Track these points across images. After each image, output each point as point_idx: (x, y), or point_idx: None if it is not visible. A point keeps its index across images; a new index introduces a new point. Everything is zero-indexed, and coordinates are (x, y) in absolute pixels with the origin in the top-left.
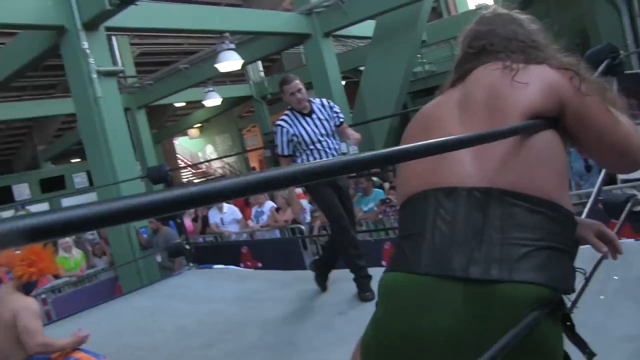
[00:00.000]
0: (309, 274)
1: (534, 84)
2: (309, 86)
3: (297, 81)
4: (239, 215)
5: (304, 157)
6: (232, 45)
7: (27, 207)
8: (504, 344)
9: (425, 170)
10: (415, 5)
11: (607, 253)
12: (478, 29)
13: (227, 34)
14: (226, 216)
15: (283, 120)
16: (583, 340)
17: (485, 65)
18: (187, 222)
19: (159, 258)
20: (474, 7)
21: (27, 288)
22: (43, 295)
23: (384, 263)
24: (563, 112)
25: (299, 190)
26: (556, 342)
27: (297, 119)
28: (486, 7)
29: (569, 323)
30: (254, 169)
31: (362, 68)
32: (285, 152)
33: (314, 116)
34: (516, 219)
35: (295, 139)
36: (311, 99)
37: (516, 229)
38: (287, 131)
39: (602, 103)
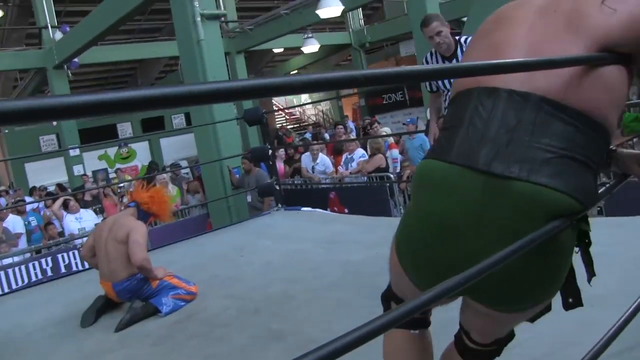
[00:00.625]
0: (394, 221)
1: (622, 13)
2: (409, 36)
3: (436, 23)
4: (331, 168)
5: (442, 99)
6: None
7: (130, 145)
8: (519, 246)
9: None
10: None
11: None
12: None
13: None
14: (319, 165)
15: (425, 59)
16: (591, 260)
17: None
18: (279, 165)
19: (249, 198)
20: None
21: (141, 216)
22: None
23: None
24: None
25: (391, 139)
26: (567, 253)
27: (436, 61)
28: None
29: (587, 240)
30: (346, 117)
31: (464, 19)
32: (428, 89)
33: (454, 61)
34: (548, 126)
35: (428, 82)
36: (458, 37)
37: (545, 136)
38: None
39: None
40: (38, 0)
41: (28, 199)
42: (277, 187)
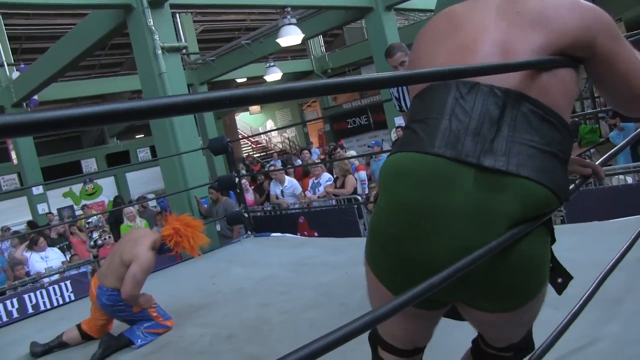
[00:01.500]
0: (363, 241)
1: (579, 19)
2: (370, 61)
3: (400, 53)
4: (299, 189)
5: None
6: (294, 20)
7: (95, 181)
8: (502, 241)
9: (450, 62)
10: None
11: (591, 175)
12: None
13: (288, 9)
14: (287, 189)
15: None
16: (554, 256)
17: None
18: (248, 195)
19: (218, 227)
20: None
21: (160, 247)
22: None
23: None
24: (592, 53)
25: (357, 161)
26: (545, 255)
27: (402, 88)
28: None
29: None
30: (311, 143)
31: None
32: (397, 108)
33: None
34: (528, 122)
35: (397, 102)
36: None
37: (527, 131)
38: (392, 92)
39: (628, 48)
40: None
41: None
42: (246, 215)
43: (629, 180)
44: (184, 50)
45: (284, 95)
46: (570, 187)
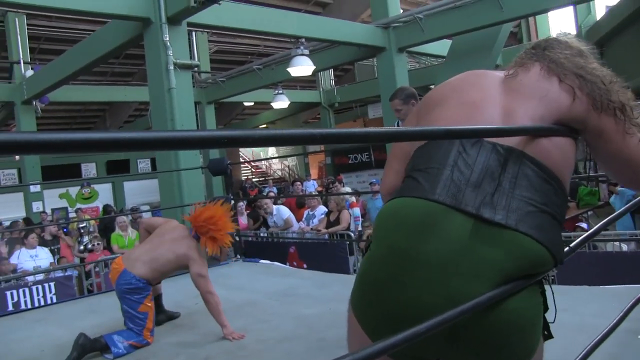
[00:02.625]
0: (350, 278)
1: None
2: (377, 99)
3: (397, 101)
4: (285, 214)
5: None
6: (306, 51)
7: (93, 186)
8: (492, 296)
9: (456, 119)
10: (494, 29)
11: None
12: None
13: (302, 40)
14: (277, 217)
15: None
16: (547, 322)
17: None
18: (241, 219)
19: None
20: (555, 35)
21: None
22: (97, 269)
23: None
24: (585, 126)
25: (352, 198)
26: (536, 316)
27: None
28: (567, 34)
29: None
30: (308, 176)
31: (432, 86)
32: None
33: None
34: (528, 181)
35: None
36: None
37: (527, 189)
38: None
39: (623, 128)
40: (13, 35)
41: None
42: (237, 238)
43: (624, 247)
44: (195, 68)
45: (280, 141)
46: (566, 249)
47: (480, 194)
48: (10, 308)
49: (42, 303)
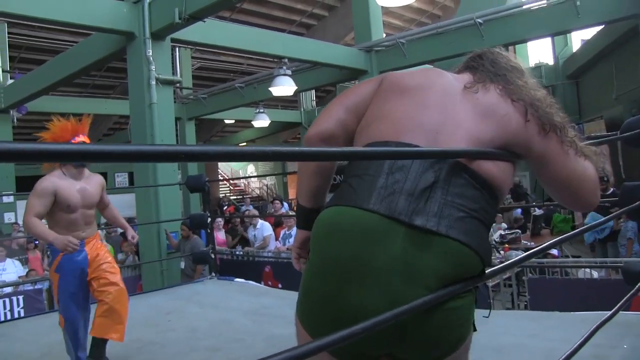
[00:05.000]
0: None
1: (518, 119)
2: None
3: None
4: (267, 231)
5: None
6: (289, 71)
7: None
8: (428, 301)
9: (391, 126)
10: None
11: None
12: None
13: (285, 60)
14: (258, 232)
15: None
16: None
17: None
18: (218, 235)
19: (182, 264)
20: (533, 65)
21: None
22: None
23: None
24: (528, 150)
25: None
26: (470, 312)
27: None
28: (546, 65)
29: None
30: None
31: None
32: None
33: None
34: (460, 188)
35: None
36: None
37: (458, 196)
38: None
39: (563, 149)
40: None
41: None
42: (213, 256)
43: (595, 275)
44: (177, 84)
45: (234, 157)
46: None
47: (413, 202)
48: None
49: (9, 317)
